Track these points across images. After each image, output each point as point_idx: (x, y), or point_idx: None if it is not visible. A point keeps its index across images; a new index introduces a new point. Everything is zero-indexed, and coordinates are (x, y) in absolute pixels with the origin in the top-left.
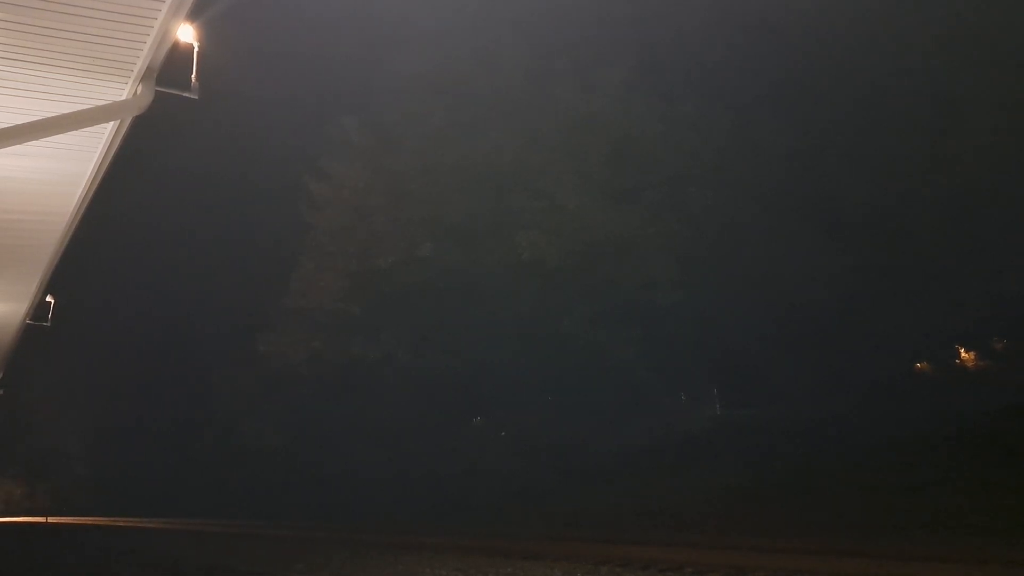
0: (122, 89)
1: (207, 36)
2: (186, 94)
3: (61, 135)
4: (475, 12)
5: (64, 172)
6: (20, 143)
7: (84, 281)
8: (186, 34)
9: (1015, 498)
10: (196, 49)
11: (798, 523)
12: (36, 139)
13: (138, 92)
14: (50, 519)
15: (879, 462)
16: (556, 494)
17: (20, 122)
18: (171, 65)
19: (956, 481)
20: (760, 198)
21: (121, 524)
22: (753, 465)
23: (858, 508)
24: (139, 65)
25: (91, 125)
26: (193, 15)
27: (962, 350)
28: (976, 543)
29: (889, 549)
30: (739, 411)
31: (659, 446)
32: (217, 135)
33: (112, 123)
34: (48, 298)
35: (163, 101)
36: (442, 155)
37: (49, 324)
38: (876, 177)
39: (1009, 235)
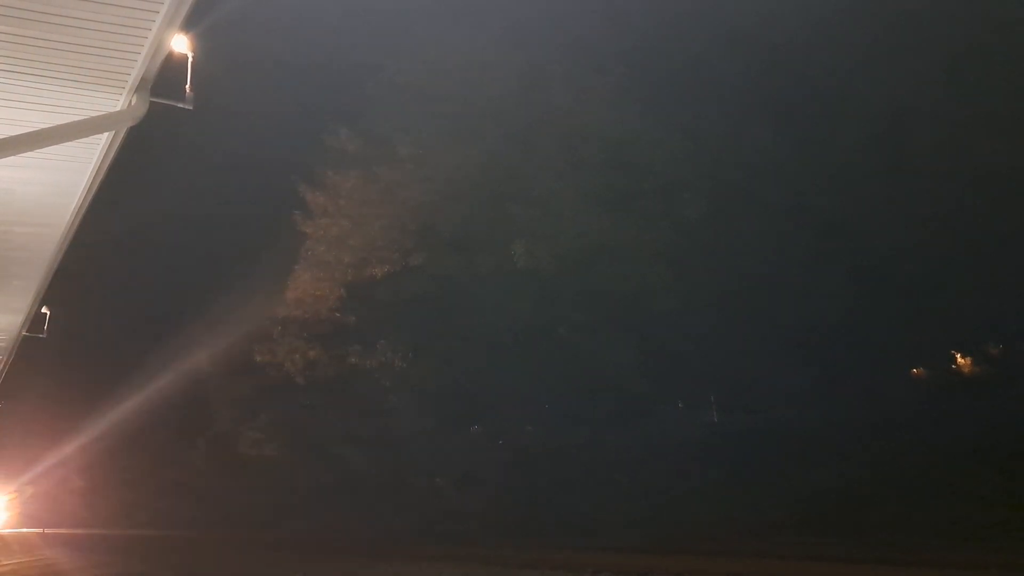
0: (117, 100)
1: (201, 47)
2: (181, 104)
3: (56, 146)
4: (468, 21)
5: (59, 183)
6: (14, 154)
7: (80, 292)
8: (180, 45)
9: (1010, 506)
10: (190, 59)
11: (795, 530)
12: (31, 150)
13: (132, 103)
14: (47, 530)
15: (874, 468)
16: (553, 502)
17: (14, 133)
18: (165, 76)
19: (952, 489)
20: (755, 204)
21: (118, 534)
22: (749, 472)
23: (853, 514)
24: (133, 76)
25: (86, 136)
26: (187, 26)
27: (958, 355)
28: (974, 549)
29: (884, 554)
30: (736, 418)
31: (656, 453)
32: (211, 145)
33: (107, 134)
34: (44, 310)
35: (158, 111)
36: (436, 163)
37: (45, 336)
38: (871, 184)
39: (1006, 241)
